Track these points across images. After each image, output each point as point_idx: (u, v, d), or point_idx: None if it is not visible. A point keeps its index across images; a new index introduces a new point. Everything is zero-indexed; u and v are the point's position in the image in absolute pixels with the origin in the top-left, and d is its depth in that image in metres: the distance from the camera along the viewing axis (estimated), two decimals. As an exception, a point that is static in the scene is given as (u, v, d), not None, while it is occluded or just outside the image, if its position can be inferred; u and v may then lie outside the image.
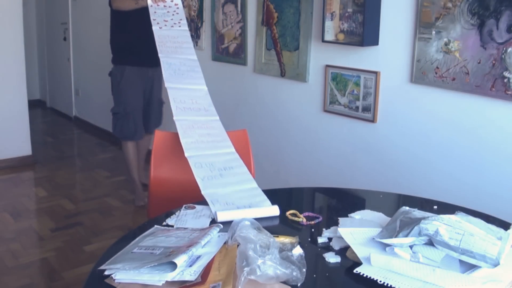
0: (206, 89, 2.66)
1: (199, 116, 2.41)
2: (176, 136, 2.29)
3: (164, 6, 3.07)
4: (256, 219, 1.55)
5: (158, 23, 2.96)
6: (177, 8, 3.08)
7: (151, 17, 3.01)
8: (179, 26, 3.00)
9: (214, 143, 2.26)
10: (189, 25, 4.18)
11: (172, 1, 3.10)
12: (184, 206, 1.82)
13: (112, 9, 3.68)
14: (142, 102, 3.83)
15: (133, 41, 3.70)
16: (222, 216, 1.70)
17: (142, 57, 3.71)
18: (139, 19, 3.43)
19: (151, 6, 3.08)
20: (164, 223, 1.70)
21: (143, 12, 3.27)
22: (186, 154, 2.12)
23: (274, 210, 1.78)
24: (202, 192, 1.89)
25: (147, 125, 3.94)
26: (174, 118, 2.34)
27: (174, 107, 2.40)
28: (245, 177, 2.06)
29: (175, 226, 1.67)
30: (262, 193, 1.95)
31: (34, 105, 6.67)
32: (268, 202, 1.85)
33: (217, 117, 2.46)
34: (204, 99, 2.56)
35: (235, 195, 1.90)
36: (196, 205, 1.83)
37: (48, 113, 6.92)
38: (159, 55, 2.76)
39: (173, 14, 3.05)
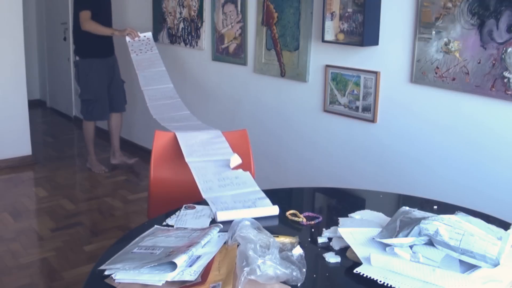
0: (172, 86, 3.70)
1: (166, 100, 3.51)
2: (175, 137, 2.39)
3: (139, 40, 4.06)
4: (256, 219, 1.55)
5: (134, 51, 3.99)
6: (149, 40, 4.10)
7: (129, 48, 4.02)
8: (151, 51, 4.02)
9: (175, 105, 3.40)
10: (189, 25, 4.21)
11: (145, 36, 4.12)
12: (184, 206, 1.82)
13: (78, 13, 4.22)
14: (106, 88, 4.42)
15: (98, 37, 4.20)
16: (222, 216, 1.70)
17: (105, 49, 4.36)
18: (103, 18, 4.18)
19: (129, 41, 4.06)
20: (164, 223, 1.70)
21: (106, 12, 4.27)
22: (150, 107, 3.32)
23: (273, 210, 1.78)
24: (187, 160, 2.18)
25: (114, 104, 4.51)
26: (148, 104, 3.43)
27: (148, 99, 3.50)
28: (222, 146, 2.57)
29: (175, 226, 1.67)
30: (260, 190, 1.95)
31: (34, 105, 6.66)
32: (268, 200, 1.85)
33: (179, 99, 3.55)
34: (170, 92, 3.63)
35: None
36: (196, 205, 1.83)
37: (48, 113, 6.91)
38: (137, 71, 3.80)
39: (146, 45, 4.06)
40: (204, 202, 1.85)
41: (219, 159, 2.23)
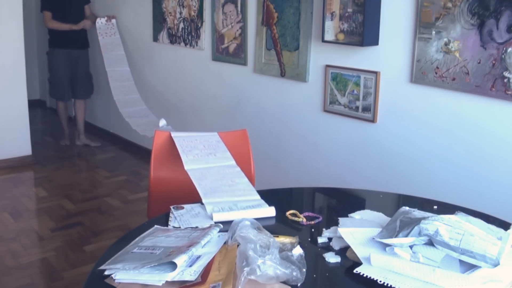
0: (129, 69, 4.81)
1: (123, 82, 4.64)
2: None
3: (106, 24, 5.01)
4: (256, 219, 1.55)
5: (101, 34, 4.96)
6: (113, 25, 5.06)
7: (98, 32, 4.98)
8: (115, 35, 5.00)
9: (129, 88, 4.63)
10: (189, 25, 4.22)
11: (110, 21, 5.06)
12: (172, 207, 1.80)
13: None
14: (68, 74, 5.17)
15: (60, 32, 5.00)
16: (217, 217, 1.70)
17: (69, 42, 5.09)
18: (68, 16, 4.96)
19: (97, 23, 4.99)
20: (169, 227, 1.68)
21: (72, 10, 5.01)
22: (112, 87, 4.64)
23: (270, 211, 1.77)
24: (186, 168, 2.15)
25: (76, 93, 5.29)
26: (110, 84, 4.64)
27: (110, 79, 4.67)
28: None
29: (182, 227, 1.66)
30: (255, 192, 1.94)
31: (34, 105, 6.66)
32: (265, 204, 1.84)
33: (132, 81, 4.69)
34: (127, 74, 4.73)
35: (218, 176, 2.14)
36: (184, 205, 1.82)
37: (48, 113, 6.91)
38: (103, 54, 4.82)
39: (111, 29, 5.02)
40: (195, 201, 1.85)
41: (219, 165, 2.19)
